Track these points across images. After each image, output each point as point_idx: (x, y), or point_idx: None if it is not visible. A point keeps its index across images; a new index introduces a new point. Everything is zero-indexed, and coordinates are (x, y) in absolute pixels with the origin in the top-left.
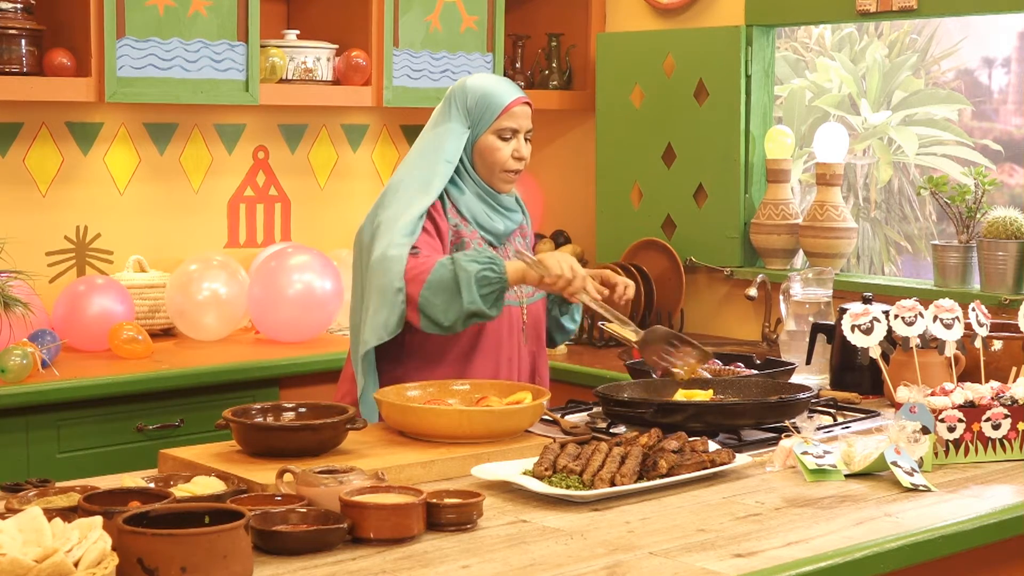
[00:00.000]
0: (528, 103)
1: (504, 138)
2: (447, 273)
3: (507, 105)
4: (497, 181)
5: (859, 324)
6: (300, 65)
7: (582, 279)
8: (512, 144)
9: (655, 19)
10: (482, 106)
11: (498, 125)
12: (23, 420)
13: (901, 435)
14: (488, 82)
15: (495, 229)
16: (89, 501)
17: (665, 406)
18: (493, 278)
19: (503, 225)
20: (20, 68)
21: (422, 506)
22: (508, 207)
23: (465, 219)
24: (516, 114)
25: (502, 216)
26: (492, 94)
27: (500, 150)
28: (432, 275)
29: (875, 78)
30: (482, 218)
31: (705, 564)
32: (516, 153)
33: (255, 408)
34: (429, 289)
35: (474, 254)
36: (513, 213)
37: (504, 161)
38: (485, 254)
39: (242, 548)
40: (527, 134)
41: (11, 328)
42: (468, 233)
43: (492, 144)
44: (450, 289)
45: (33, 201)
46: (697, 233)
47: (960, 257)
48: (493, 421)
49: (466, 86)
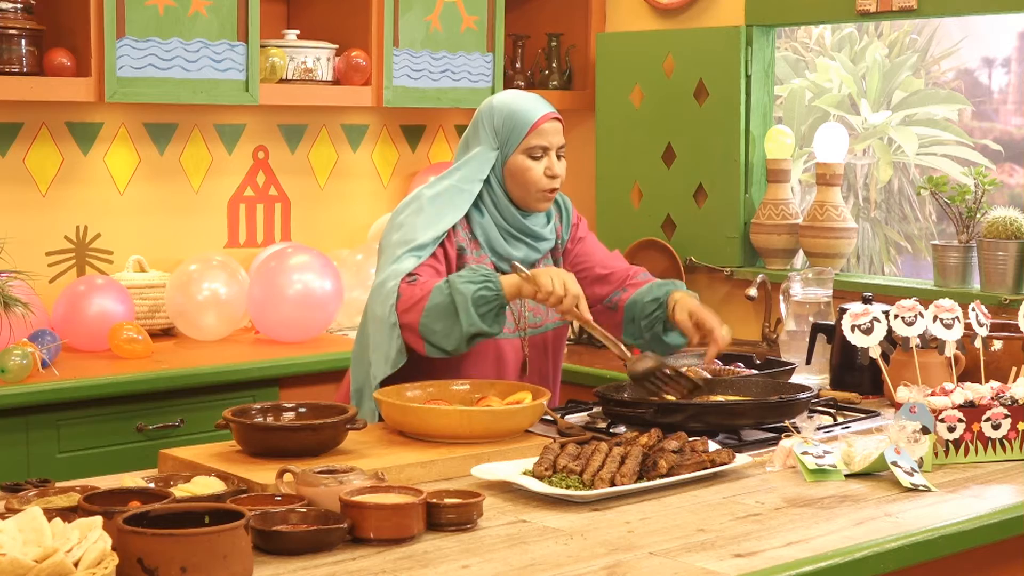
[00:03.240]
0: (558, 119)
1: (535, 157)
2: (444, 298)
3: (535, 123)
4: (532, 202)
5: (859, 324)
6: (300, 65)
7: (573, 297)
8: (544, 162)
9: (655, 19)
10: (509, 125)
11: (527, 144)
12: (23, 420)
13: (901, 435)
14: (515, 99)
15: (509, 256)
16: (89, 501)
17: (665, 406)
18: (490, 296)
19: (522, 253)
20: (20, 68)
21: (422, 506)
22: (536, 236)
23: (477, 243)
24: (545, 131)
25: (525, 244)
26: (519, 112)
27: (532, 170)
28: (429, 302)
29: (875, 78)
30: (498, 244)
31: (705, 564)
32: (549, 171)
33: (255, 408)
34: (428, 317)
35: (469, 274)
36: (541, 242)
37: (537, 180)
38: (480, 272)
39: (242, 548)
40: (560, 150)
41: (11, 328)
42: (476, 258)
43: (523, 164)
44: (449, 314)
45: (33, 201)
46: (697, 233)
47: (960, 257)
48: (493, 421)
49: (493, 105)
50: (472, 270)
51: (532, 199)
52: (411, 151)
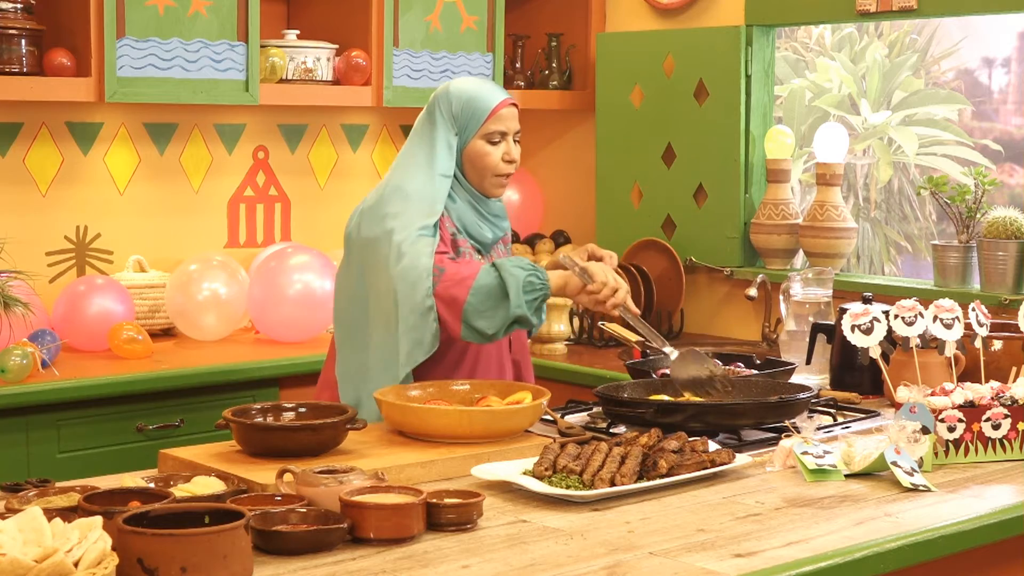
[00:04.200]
0: (515, 104)
1: (493, 142)
2: (493, 280)
3: (493, 108)
4: (489, 186)
5: (859, 324)
6: (300, 65)
7: (625, 292)
8: (501, 147)
9: (655, 19)
10: (468, 111)
11: (486, 129)
12: (23, 420)
13: (901, 435)
14: (472, 86)
15: (483, 238)
16: (89, 501)
17: (665, 406)
18: (538, 284)
19: (491, 233)
20: (20, 68)
21: (422, 506)
22: (496, 214)
23: (458, 228)
24: (503, 116)
25: (490, 224)
26: (477, 98)
27: (490, 155)
28: (478, 281)
29: (875, 78)
30: (472, 228)
31: (705, 564)
32: (506, 156)
33: (255, 408)
34: (476, 296)
35: (517, 260)
36: (501, 220)
37: (495, 165)
38: (526, 261)
39: (242, 548)
40: (516, 135)
41: (11, 328)
42: (461, 242)
43: (481, 149)
44: (496, 295)
45: (33, 201)
46: (697, 233)
47: (960, 257)
48: (493, 421)
49: (450, 91)
50: (518, 259)
51: (488, 184)
52: None
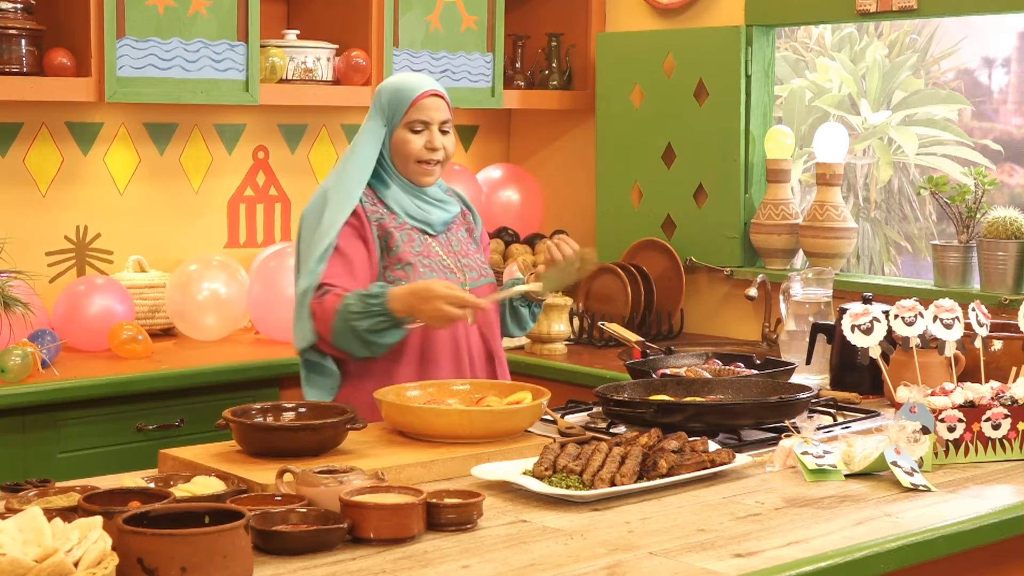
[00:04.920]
0: (439, 95)
1: (415, 131)
2: (343, 324)
3: (415, 98)
4: (413, 174)
5: (859, 324)
6: (300, 65)
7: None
8: (424, 136)
9: (655, 19)
10: (394, 103)
11: (408, 118)
12: (23, 420)
13: (901, 435)
14: (400, 79)
15: (428, 219)
16: (89, 501)
17: (665, 406)
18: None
19: (437, 215)
20: (20, 68)
21: (422, 506)
22: (439, 198)
23: (393, 212)
24: (425, 106)
25: (435, 207)
26: (401, 89)
27: (410, 142)
28: (334, 324)
29: (875, 78)
30: (412, 209)
31: (705, 564)
32: (428, 144)
33: (255, 408)
34: (336, 338)
35: (359, 305)
36: (448, 204)
37: (416, 152)
38: (368, 299)
39: (242, 548)
40: (443, 125)
41: (11, 328)
42: (397, 226)
43: (403, 137)
44: (352, 336)
45: (33, 201)
46: (697, 233)
47: (960, 257)
48: (493, 421)
49: (382, 87)
50: (361, 296)
51: (412, 171)
52: None
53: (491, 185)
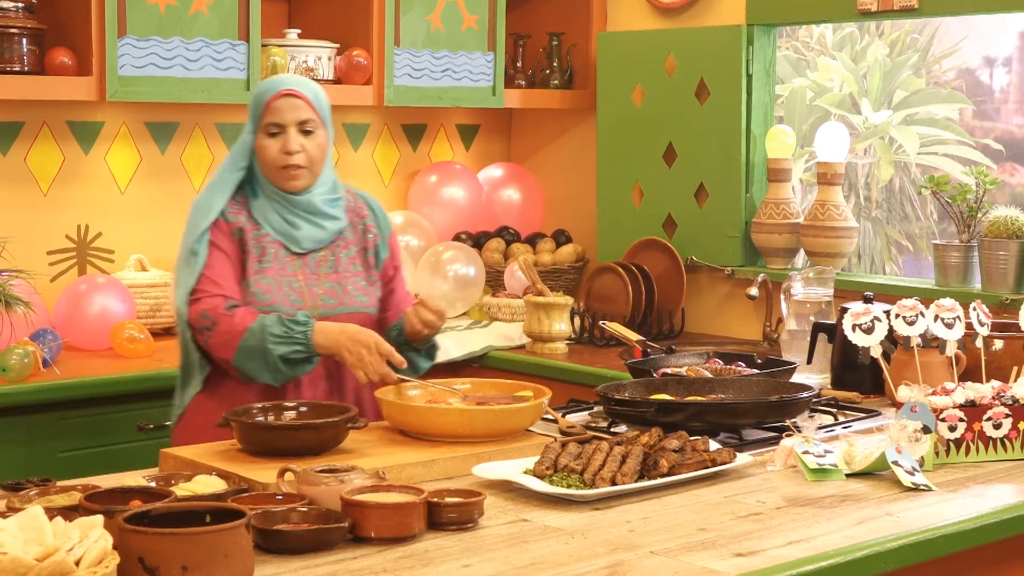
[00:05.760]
0: (294, 94)
1: (271, 134)
2: (256, 344)
3: (267, 101)
4: (276, 179)
5: (860, 323)
6: (301, 64)
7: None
8: (280, 140)
9: (656, 18)
10: (253, 107)
11: (264, 122)
12: (24, 419)
13: (902, 434)
14: (263, 82)
15: (292, 235)
16: (90, 500)
17: (666, 405)
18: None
19: (307, 231)
20: (21, 67)
21: (423, 505)
22: (316, 211)
23: (258, 224)
24: (277, 108)
25: (308, 222)
26: (259, 93)
27: (266, 148)
28: (242, 343)
29: (876, 77)
30: (276, 222)
31: (706, 563)
32: (284, 148)
33: (256, 407)
34: (240, 357)
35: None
36: (328, 220)
37: (274, 158)
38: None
39: (243, 547)
40: (303, 125)
41: (12, 327)
42: (257, 238)
43: (261, 143)
44: (260, 356)
45: (34, 200)
46: (698, 232)
47: (961, 256)
48: (494, 420)
49: (252, 90)
50: (286, 324)
51: (275, 177)
52: (412, 150)
53: (492, 184)
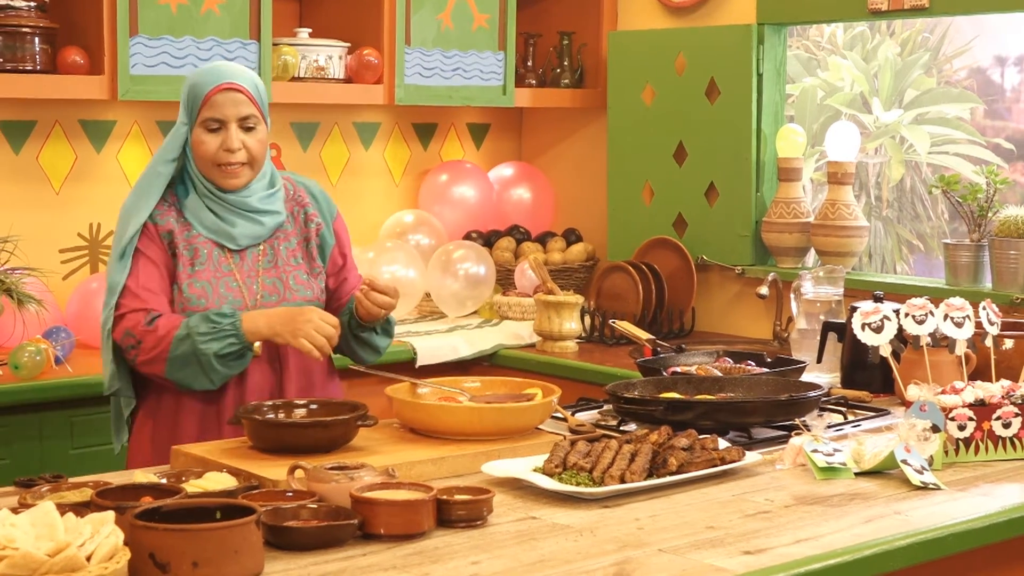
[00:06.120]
0: (235, 88)
1: (211, 130)
2: (186, 350)
3: (206, 95)
4: (215, 178)
5: (870, 322)
6: (312, 63)
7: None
8: (219, 136)
9: (666, 17)
10: (189, 99)
11: (202, 116)
12: (37, 416)
13: (911, 433)
14: (199, 72)
15: (229, 234)
16: (101, 496)
17: (675, 404)
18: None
19: (243, 228)
20: (33, 66)
21: (432, 502)
22: (251, 208)
23: (188, 224)
24: (218, 103)
25: (244, 218)
26: (196, 84)
27: (204, 143)
28: (171, 353)
29: (887, 76)
30: (208, 221)
31: (714, 561)
32: (224, 145)
33: (267, 405)
34: (172, 367)
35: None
36: (267, 215)
37: (212, 155)
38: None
39: (253, 543)
40: (244, 121)
41: (25, 325)
42: (189, 239)
43: (198, 138)
44: (192, 363)
45: (46, 198)
46: (708, 231)
47: (972, 256)
48: (503, 418)
49: (187, 78)
50: (211, 321)
51: (213, 174)
52: (423, 149)
53: (502, 183)
